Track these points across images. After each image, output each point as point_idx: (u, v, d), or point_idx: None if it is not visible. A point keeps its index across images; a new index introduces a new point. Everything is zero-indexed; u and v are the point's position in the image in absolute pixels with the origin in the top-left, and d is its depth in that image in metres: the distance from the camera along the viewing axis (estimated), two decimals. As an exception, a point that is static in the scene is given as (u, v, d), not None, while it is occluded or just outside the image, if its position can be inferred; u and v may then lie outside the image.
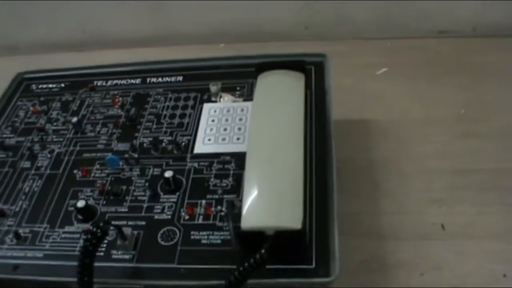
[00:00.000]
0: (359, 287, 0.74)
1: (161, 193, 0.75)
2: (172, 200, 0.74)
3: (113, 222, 0.67)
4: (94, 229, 0.62)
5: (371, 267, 0.79)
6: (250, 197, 0.65)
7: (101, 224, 0.63)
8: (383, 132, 0.99)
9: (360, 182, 0.89)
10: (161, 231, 0.71)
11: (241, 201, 0.66)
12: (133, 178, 0.78)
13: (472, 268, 0.79)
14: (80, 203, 0.73)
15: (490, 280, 0.77)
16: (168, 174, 0.74)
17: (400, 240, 0.82)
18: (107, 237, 0.69)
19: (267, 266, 0.63)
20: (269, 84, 0.79)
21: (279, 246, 0.62)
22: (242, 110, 0.84)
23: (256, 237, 0.61)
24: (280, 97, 0.77)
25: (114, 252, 0.70)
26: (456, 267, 0.79)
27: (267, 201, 0.64)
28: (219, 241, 0.69)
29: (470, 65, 1.12)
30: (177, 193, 0.75)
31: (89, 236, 0.62)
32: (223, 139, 0.81)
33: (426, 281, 0.77)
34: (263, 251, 0.59)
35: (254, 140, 0.72)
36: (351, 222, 0.77)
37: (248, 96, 0.87)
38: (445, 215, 0.85)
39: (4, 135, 0.90)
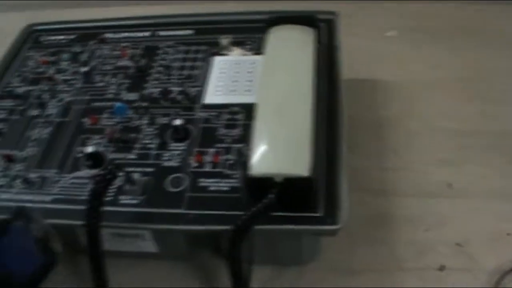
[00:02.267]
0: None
1: (170, 142, 0.76)
2: (180, 148, 0.75)
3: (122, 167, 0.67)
4: (104, 171, 0.63)
5: (377, 222, 0.80)
6: (260, 145, 0.65)
7: (111, 166, 0.63)
8: (390, 92, 0.99)
9: (367, 140, 0.90)
10: (169, 178, 0.71)
11: (250, 149, 0.66)
12: (141, 126, 0.79)
13: (476, 226, 0.79)
14: (89, 149, 0.74)
15: (494, 238, 0.78)
16: (178, 122, 0.75)
17: (406, 196, 0.82)
18: (115, 183, 0.69)
19: (275, 214, 0.63)
20: (281, 38, 0.80)
21: (288, 194, 0.62)
22: (251, 63, 0.85)
23: (265, 184, 0.62)
24: (291, 51, 0.77)
25: (122, 197, 0.70)
26: (460, 225, 0.79)
27: (277, 148, 0.65)
28: (227, 188, 0.69)
29: (479, 31, 1.12)
30: (186, 142, 0.75)
31: (98, 178, 0.62)
32: (233, 91, 0.81)
33: (430, 237, 0.78)
34: (271, 195, 0.60)
35: (265, 90, 0.72)
36: (357, 177, 0.78)
37: (258, 50, 0.87)
38: (451, 174, 0.85)
39: (13, 84, 0.90)
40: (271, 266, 0.75)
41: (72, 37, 0.98)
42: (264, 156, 0.64)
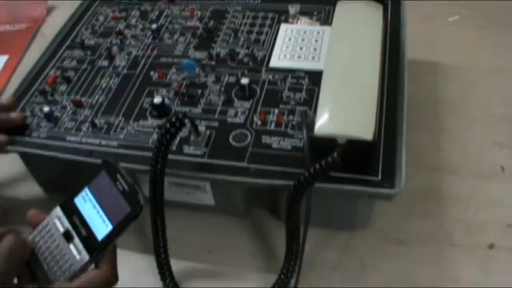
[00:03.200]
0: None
1: (235, 99, 0.78)
2: (245, 106, 0.77)
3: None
4: (173, 118, 0.65)
5: (428, 198, 0.81)
6: (326, 106, 0.67)
7: (180, 115, 0.65)
8: (450, 75, 0.99)
9: (424, 119, 0.91)
10: (233, 133, 0.73)
11: (315, 111, 0.68)
12: (208, 83, 0.81)
13: (527, 209, 0.80)
14: (157, 99, 0.76)
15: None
16: (244, 81, 0.77)
17: (459, 175, 0.83)
18: (180, 133, 0.71)
19: (335, 174, 0.65)
20: (350, 10, 0.81)
21: (349, 156, 0.63)
22: (318, 33, 0.86)
23: (327, 144, 0.64)
24: (360, 23, 0.78)
25: (186, 147, 0.73)
26: (511, 206, 0.80)
27: (342, 111, 0.66)
28: (289, 147, 0.71)
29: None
30: (251, 101, 0.77)
31: (167, 125, 0.65)
32: (299, 57, 0.83)
33: (480, 216, 0.79)
34: (335, 154, 0.61)
35: (333, 57, 0.74)
36: (412, 153, 0.79)
37: (324, 21, 0.89)
38: (505, 158, 0.85)
39: (84, 36, 0.93)
40: (323, 229, 0.77)
41: (142, -5, 1.01)
42: (329, 118, 0.65)
